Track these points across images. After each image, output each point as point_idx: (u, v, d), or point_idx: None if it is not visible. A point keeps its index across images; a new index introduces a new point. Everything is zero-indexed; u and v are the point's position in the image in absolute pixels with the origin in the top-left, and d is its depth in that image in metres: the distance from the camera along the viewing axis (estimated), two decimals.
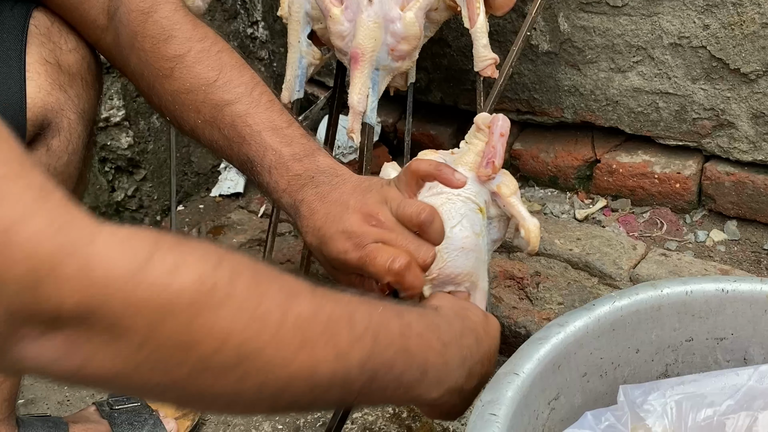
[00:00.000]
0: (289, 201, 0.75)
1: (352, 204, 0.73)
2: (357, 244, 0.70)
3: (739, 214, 1.37)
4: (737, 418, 0.72)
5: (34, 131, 0.77)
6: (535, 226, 0.83)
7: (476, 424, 0.71)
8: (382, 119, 1.68)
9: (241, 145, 0.77)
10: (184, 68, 0.78)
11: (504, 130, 0.83)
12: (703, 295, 0.86)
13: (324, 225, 0.72)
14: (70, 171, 0.81)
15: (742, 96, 1.29)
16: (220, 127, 0.77)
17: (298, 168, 0.76)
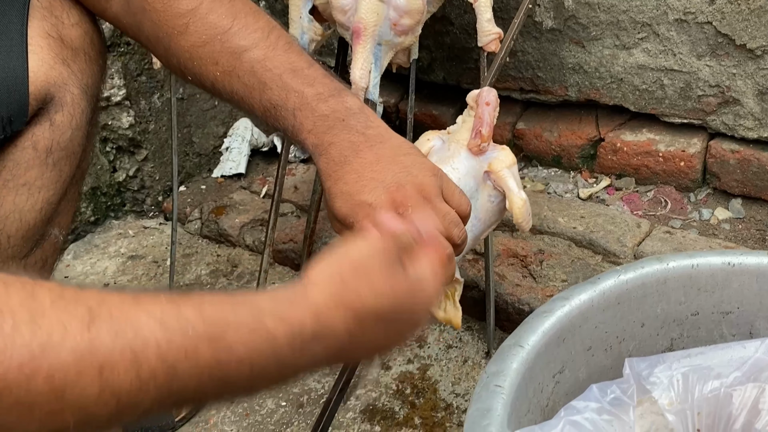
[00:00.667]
0: (315, 141, 0.71)
1: (388, 179, 0.68)
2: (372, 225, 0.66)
3: (743, 192, 1.36)
4: (744, 389, 0.72)
5: (37, 105, 0.76)
6: (519, 199, 0.81)
7: (481, 395, 0.71)
8: (384, 99, 1.67)
9: (263, 91, 0.74)
10: (198, 21, 0.75)
11: (489, 100, 0.83)
12: (710, 269, 0.86)
13: (353, 183, 0.69)
14: (73, 147, 0.80)
15: (748, 72, 1.28)
16: (240, 75, 0.75)
17: (324, 108, 0.72)
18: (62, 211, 0.86)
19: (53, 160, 0.79)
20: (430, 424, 1.09)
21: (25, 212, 0.79)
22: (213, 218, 1.53)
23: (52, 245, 0.87)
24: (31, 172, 0.79)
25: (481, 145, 0.81)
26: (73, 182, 0.86)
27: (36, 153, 0.78)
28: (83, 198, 1.55)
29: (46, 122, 0.78)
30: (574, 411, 0.73)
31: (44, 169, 0.79)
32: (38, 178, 0.79)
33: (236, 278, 1.43)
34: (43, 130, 0.78)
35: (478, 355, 1.20)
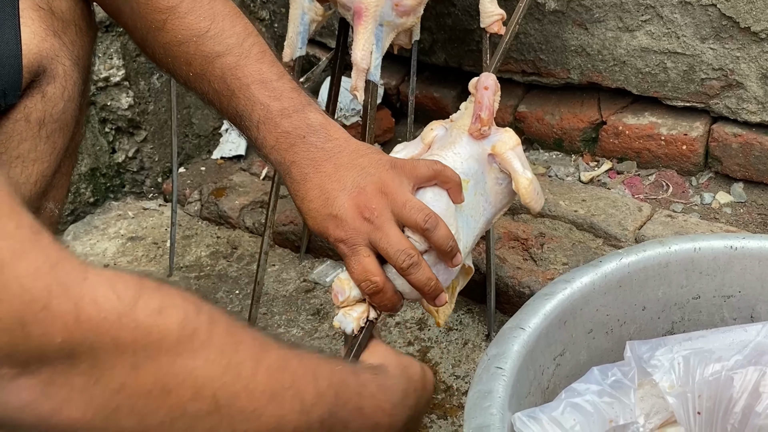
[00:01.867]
0: (278, 158, 0.73)
1: (348, 186, 0.70)
2: (348, 237, 0.70)
3: (745, 176, 1.35)
4: (745, 372, 0.72)
5: (30, 78, 0.75)
6: (525, 179, 0.80)
7: (482, 377, 0.71)
8: (385, 81, 1.66)
9: (231, 99, 0.75)
10: (176, 19, 0.75)
11: (487, 84, 0.82)
12: (712, 252, 0.86)
13: (316, 199, 0.71)
14: (66, 119, 0.80)
15: (752, 56, 1.27)
16: (210, 80, 0.75)
17: (286, 125, 0.73)
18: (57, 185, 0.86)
19: (46, 133, 0.79)
20: (430, 405, 1.09)
21: (20, 185, 0.79)
22: (213, 200, 1.53)
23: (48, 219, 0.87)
24: (24, 144, 0.79)
25: (481, 129, 0.80)
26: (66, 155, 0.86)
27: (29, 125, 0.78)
28: (83, 179, 1.55)
29: (38, 94, 0.78)
30: (574, 393, 0.73)
31: (37, 141, 0.79)
32: (32, 151, 0.79)
33: (236, 260, 1.43)
34: (36, 102, 0.78)
35: (479, 338, 1.20)
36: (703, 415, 0.73)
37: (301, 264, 1.40)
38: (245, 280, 1.37)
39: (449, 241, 0.72)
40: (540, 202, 0.82)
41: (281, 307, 1.31)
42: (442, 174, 0.75)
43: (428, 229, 0.70)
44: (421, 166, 0.74)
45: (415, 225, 0.71)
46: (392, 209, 0.70)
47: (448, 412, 1.08)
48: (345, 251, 0.70)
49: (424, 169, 0.74)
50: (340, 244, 0.70)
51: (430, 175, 0.74)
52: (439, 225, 0.71)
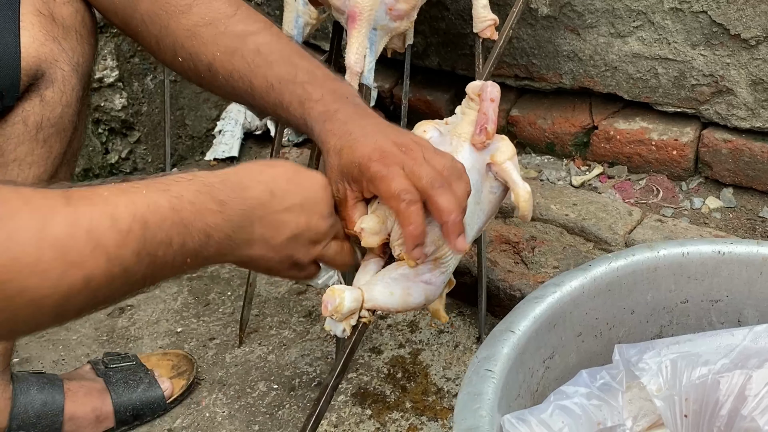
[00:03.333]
0: (322, 109, 0.74)
1: (389, 133, 0.73)
2: (384, 158, 0.70)
3: (735, 181, 1.37)
4: (732, 376, 0.73)
5: (28, 81, 0.76)
6: (525, 191, 0.81)
7: (472, 379, 0.72)
8: (379, 84, 1.66)
9: (269, 68, 0.76)
10: (202, 3, 0.78)
11: (493, 96, 0.83)
12: (700, 257, 0.87)
13: (357, 133, 0.72)
14: (64, 123, 0.80)
15: (742, 62, 1.28)
16: (243, 54, 0.77)
17: (332, 85, 0.76)
18: None
19: (43, 137, 0.80)
20: (421, 407, 1.10)
21: None
22: None
23: None
24: (21, 147, 0.79)
25: (485, 142, 0.81)
26: (64, 161, 0.86)
27: (26, 128, 0.79)
28: (76, 179, 1.55)
29: (36, 98, 0.78)
30: (563, 395, 0.74)
31: (34, 145, 0.80)
32: (29, 154, 0.80)
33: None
34: (33, 106, 0.78)
35: (470, 340, 1.20)
36: (690, 418, 0.74)
37: None
38: (237, 281, 1.38)
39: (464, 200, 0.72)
40: (532, 212, 0.84)
41: (273, 308, 1.31)
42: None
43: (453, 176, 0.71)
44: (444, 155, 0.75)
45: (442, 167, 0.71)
46: (425, 155, 0.71)
47: (438, 414, 1.08)
48: (380, 167, 0.69)
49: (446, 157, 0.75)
50: (375, 163, 0.69)
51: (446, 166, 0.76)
52: (462, 179, 0.72)
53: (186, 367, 1.15)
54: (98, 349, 1.24)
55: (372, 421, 1.08)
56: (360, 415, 1.09)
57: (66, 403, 1.01)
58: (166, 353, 1.18)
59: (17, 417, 0.97)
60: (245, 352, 1.23)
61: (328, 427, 1.08)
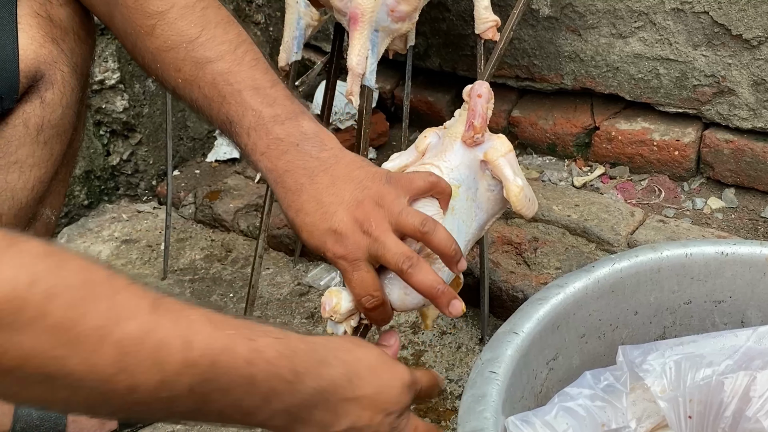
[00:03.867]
0: (269, 166, 0.72)
1: (347, 199, 0.70)
2: (347, 252, 0.69)
3: (737, 181, 1.37)
4: (736, 377, 0.73)
5: (28, 83, 0.76)
6: (515, 186, 0.80)
7: (476, 381, 0.72)
8: (380, 85, 1.66)
9: (222, 105, 0.73)
10: (165, 25, 0.74)
11: (480, 92, 0.83)
12: (703, 258, 0.87)
13: (312, 211, 0.70)
14: (64, 125, 0.80)
15: (744, 63, 1.28)
16: (200, 86, 0.74)
17: (279, 131, 0.72)
18: (53, 192, 0.86)
19: (44, 138, 0.80)
20: (423, 408, 1.10)
21: (17, 191, 0.79)
22: (207, 203, 1.53)
23: (45, 226, 0.87)
24: (22, 150, 0.79)
25: (474, 137, 0.81)
26: (64, 162, 0.86)
27: (27, 130, 0.78)
28: (77, 181, 1.55)
29: (36, 100, 0.78)
30: (567, 397, 0.74)
31: (35, 147, 0.80)
32: (29, 156, 0.80)
33: (230, 263, 1.43)
34: (34, 108, 0.78)
35: (472, 342, 1.20)
36: (694, 419, 0.74)
37: (296, 267, 1.40)
38: (239, 283, 1.38)
39: (452, 244, 0.71)
40: (532, 208, 0.82)
41: (275, 310, 1.31)
42: (438, 185, 0.75)
43: (427, 232, 0.70)
44: (416, 179, 0.74)
45: (414, 229, 0.70)
46: (389, 220, 0.70)
47: (441, 416, 1.08)
48: (345, 267, 0.70)
49: (420, 182, 0.74)
50: (341, 260, 0.69)
51: (426, 187, 0.74)
52: (437, 228, 0.71)
53: None
54: None
55: None
56: None
57: None
58: None
59: (21, 419, 0.97)
60: None
61: None
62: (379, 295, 0.70)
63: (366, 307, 0.71)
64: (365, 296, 0.70)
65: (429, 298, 0.71)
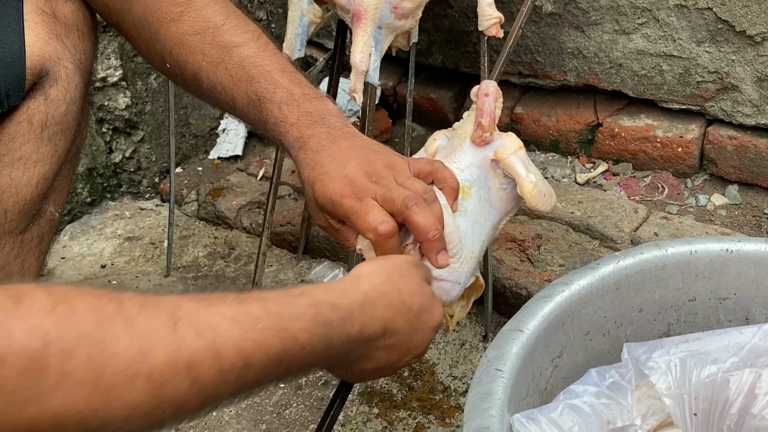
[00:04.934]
0: (296, 134, 0.75)
1: (360, 157, 0.73)
2: (355, 192, 0.71)
3: (740, 178, 1.36)
4: (741, 374, 0.73)
5: (33, 80, 0.76)
6: (529, 182, 0.80)
7: (482, 379, 0.72)
8: (382, 82, 1.66)
9: (250, 83, 0.77)
10: (193, 11, 0.79)
11: (488, 91, 0.83)
12: (708, 255, 0.87)
13: (327, 164, 0.73)
14: (68, 121, 0.81)
15: (747, 59, 1.28)
16: (228, 67, 0.78)
17: (309, 107, 0.76)
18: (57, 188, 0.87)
19: (48, 135, 0.80)
20: (428, 406, 1.10)
21: (22, 187, 0.80)
22: (210, 200, 1.53)
23: (48, 222, 0.87)
24: (26, 146, 0.79)
25: (483, 136, 0.81)
26: (68, 159, 0.86)
27: (31, 127, 0.79)
28: (80, 178, 1.55)
29: (40, 96, 0.78)
30: (572, 395, 0.74)
31: (39, 143, 0.80)
32: (34, 153, 0.80)
33: (233, 260, 1.43)
34: (38, 104, 0.78)
35: (476, 339, 1.20)
36: (700, 416, 0.74)
37: (299, 264, 1.40)
38: (243, 280, 1.38)
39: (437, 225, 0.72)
40: (549, 203, 0.82)
41: None
42: (440, 171, 0.77)
43: (426, 199, 0.72)
44: (422, 161, 0.78)
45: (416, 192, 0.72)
46: (396, 180, 0.73)
47: (445, 413, 1.08)
48: (353, 204, 0.71)
49: (424, 164, 0.77)
50: (347, 199, 0.71)
51: (429, 170, 0.77)
52: (436, 203, 0.73)
53: None
54: None
55: (379, 420, 1.08)
56: (367, 414, 1.09)
57: None
58: None
59: None
60: None
61: (335, 426, 1.08)
62: (391, 222, 0.69)
63: (381, 233, 0.69)
64: (379, 221, 0.69)
65: (422, 240, 0.71)
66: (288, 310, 0.56)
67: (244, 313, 0.53)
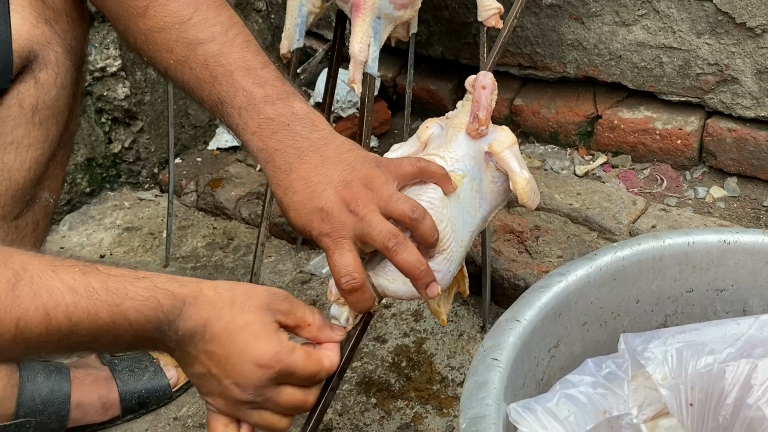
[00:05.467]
0: (260, 145, 0.72)
1: (335, 179, 0.70)
2: (333, 229, 0.69)
3: (739, 170, 1.36)
4: (737, 365, 0.73)
5: (21, 63, 0.76)
6: (522, 179, 0.80)
7: (478, 368, 0.72)
8: (382, 73, 1.66)
9: (213, 85, 0.74)
10: (158, 6, 0.75)
11: (485, 83, 0.82)
12: (705, 246, 0.87)
13: (300, 190, 0.70)
14: (59, 106, 0.81)
15: (747, 51, 1.28)
16: (192, 67, 0.74)
17: (270, 111, 0.72)
18: (51, 174, 0.87)
19: (39, 119, 0.80)
20: (425, 396, 1.10)
21: (14, 171, 0.80)
22: (209, 191, 1.53)
23: (43, 209, 0.88)
24: (17, 130, 0.79)
25: (479, 129, 0.81)
26: (61, 144, 0.86)
27: (22, 111, 0.79)
28: (79, 169, 1.55)
29: (30, 80, 0.78)
30: (569, 384, 0.74)
31: (31, 127, 0.80)
32: (25, 137, 0.80)
33: (232, 251, 1.43)
34: (28, 88, 0.78)
35: (474, 330, 1.21)
36: (696, 406, 0.74)
37: (297, 255, 1.40)
38: (241, 271, 1.38)
39: (435, 234, 0.72)
40: (536, 200, 0.83)
41: None
42: (426, 170, 0.75)
43: (416, 219, 0.70)
44: (404, 164, 0.74)
45: (402, 215, 0.70)
46: (377, 203, 0.70)
47: (443, 403, 1.09)
48: (329, 245, 0.69)
49: (408, 167, 0.74)
50: (325, 238, 0.69)
51: (414, 172, 0.74)
52: (426, 217, 0.71)
53: None
54: None
55: (377, 409, 1.09)
56: (365, 404, 1.10)
57: (73, 390, 1.01)
58: None
59: (24, 404, 0.98)
60: None
61: (333, 415, 1.08)
62: (359, 278, 0.69)
63: (344, 288, 0.69)
64: (344, 276, 0.68)
65: (410, 277, 0.71)
66: (125, 288, 0.61)
67: (83, 284, 0.60)
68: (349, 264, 0.69)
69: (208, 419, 0.69)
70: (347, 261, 0.68)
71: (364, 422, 1.07)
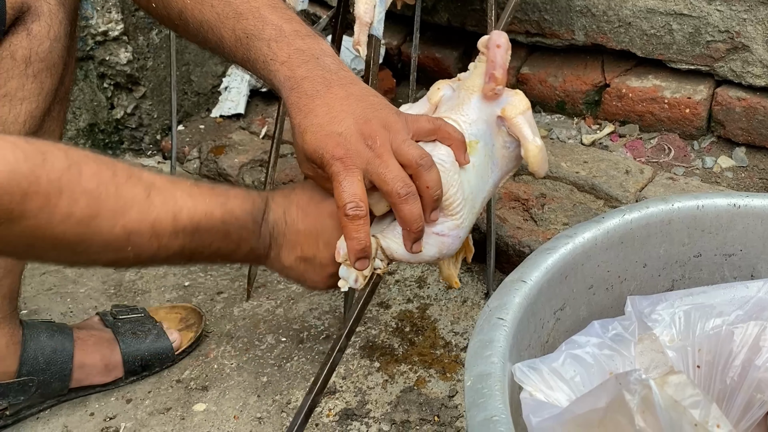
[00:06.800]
0: (288, 74, 0.72)
1: (357, 113, 0.70)
2: (347, 155, 0.68)
3: (748, 140, 1.35)
4: (746, 327, 0.72)
5: (14, 15, 0.75)
6: (534, 146, 0.79)
7: (483, 327, 0.71)
8: (387, 41, 1.64)
9: (237, 21, 0.74)
10: None
11: (499, 42, 0.80)
12: (715, 210, 0.85)
13: (322, 114, 0.70)
14: (53, 58, 0.80)
15: (759, 18, 1.25)
16: (213, 4, 0.74)
17: (300, 44, 0.72)
18: (48, 130, 0.86)
19: (33, 71, 0.80)
20: (429, 360, 1.10)
21: (9, 124, 0.79)
22: (212, 157, 1.52)
23: None
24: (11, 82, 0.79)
25: (496, 89, 0.79)
26: (56, 99, 0.85)
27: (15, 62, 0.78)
28: (81, 134, 1.54)
29: (23, 31, 0.78)
30: (575, 345, 0.73)
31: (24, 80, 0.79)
32: (19, 89, 0.79)
33: None
34: (21, 39, 0.78)
35: (477, 296, 1.20)
36: (703, 368, 0.73)
37: None
38: None
39: (438, 189, 0.71)
40: (546, 167, 0.82)
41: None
42: (443, 129, 0.74)
43: (422, 165, 0.69)
44: (422, 119, 0.74)
45: (410, 160, 0.69)
46: (392, 144, 0.70)
47: (446, 367, 1.08)
48: (339, 169, 0.68)
49: (425, 122, 0.74)
50: (337, 162, 0.68)
51: (431, 128, 0.74)
52: (433, 168, 0.71)
53: (194, 319, 1.16)
54: (106, 302, 1.24)
55: (380, 373, 1.09)
56: (368, 368, 1.09)
57: (76, 351, 1.01)
58: (174, 306, 1.18)
59: (27, 362, 0.97)
60: (253, 306, 1.23)
61: (336, 378, 1.08)
62: (364, 206, 0.69)
63: (348, 213, 0.69)
64: (351, 202, 0.68)
65: (407, 229, 0.71)
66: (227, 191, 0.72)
67: (197, 191, 0.69)
68: (357, 192, 0.69)
69: None
70: (356, 189, 0.68)
71: (368, 386, 1.07)
